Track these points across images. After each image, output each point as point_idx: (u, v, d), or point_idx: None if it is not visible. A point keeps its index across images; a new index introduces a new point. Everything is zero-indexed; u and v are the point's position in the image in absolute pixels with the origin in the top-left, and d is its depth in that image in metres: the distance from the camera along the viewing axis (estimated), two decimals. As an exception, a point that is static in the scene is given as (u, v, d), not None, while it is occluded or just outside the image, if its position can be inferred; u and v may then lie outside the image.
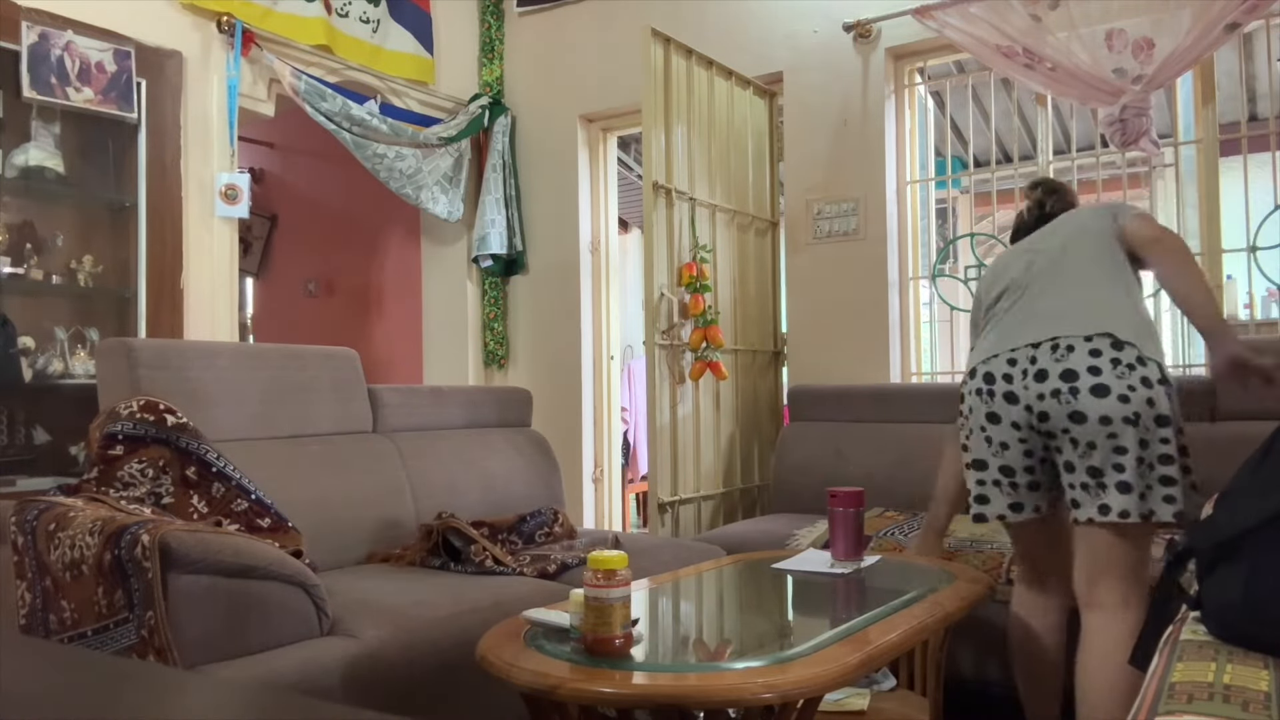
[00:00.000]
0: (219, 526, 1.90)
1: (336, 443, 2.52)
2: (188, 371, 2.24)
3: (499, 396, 3.15)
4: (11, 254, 2.95)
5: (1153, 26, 2.94)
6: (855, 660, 1.41)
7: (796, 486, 3.28)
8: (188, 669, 1.55)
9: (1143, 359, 1.76)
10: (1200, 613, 1.38)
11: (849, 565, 2.08)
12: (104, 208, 3.23)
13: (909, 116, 3.67)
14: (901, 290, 3.62)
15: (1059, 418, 1.79)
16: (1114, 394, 1.74)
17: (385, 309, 4.93)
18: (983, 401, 1.91)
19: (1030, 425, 1.85)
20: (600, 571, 1.42)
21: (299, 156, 5.32)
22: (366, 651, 1.74)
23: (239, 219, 3.43)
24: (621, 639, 1.43)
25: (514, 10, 4.44)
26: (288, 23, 3.57)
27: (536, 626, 1.58)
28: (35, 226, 3.04)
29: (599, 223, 4.34)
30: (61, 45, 2.90)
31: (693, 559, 2.54)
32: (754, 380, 3.72)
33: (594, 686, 1.32)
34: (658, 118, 3.21)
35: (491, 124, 4.30)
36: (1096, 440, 1.75)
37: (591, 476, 4.27)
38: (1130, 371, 1.75)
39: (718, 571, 2.16)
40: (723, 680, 1.33)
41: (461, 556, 2.32)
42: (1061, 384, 1.78)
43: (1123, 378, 1.75)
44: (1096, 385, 1.75)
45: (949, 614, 1.74)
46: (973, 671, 2.35)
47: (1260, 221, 3.04)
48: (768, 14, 3.78)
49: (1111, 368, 1.75)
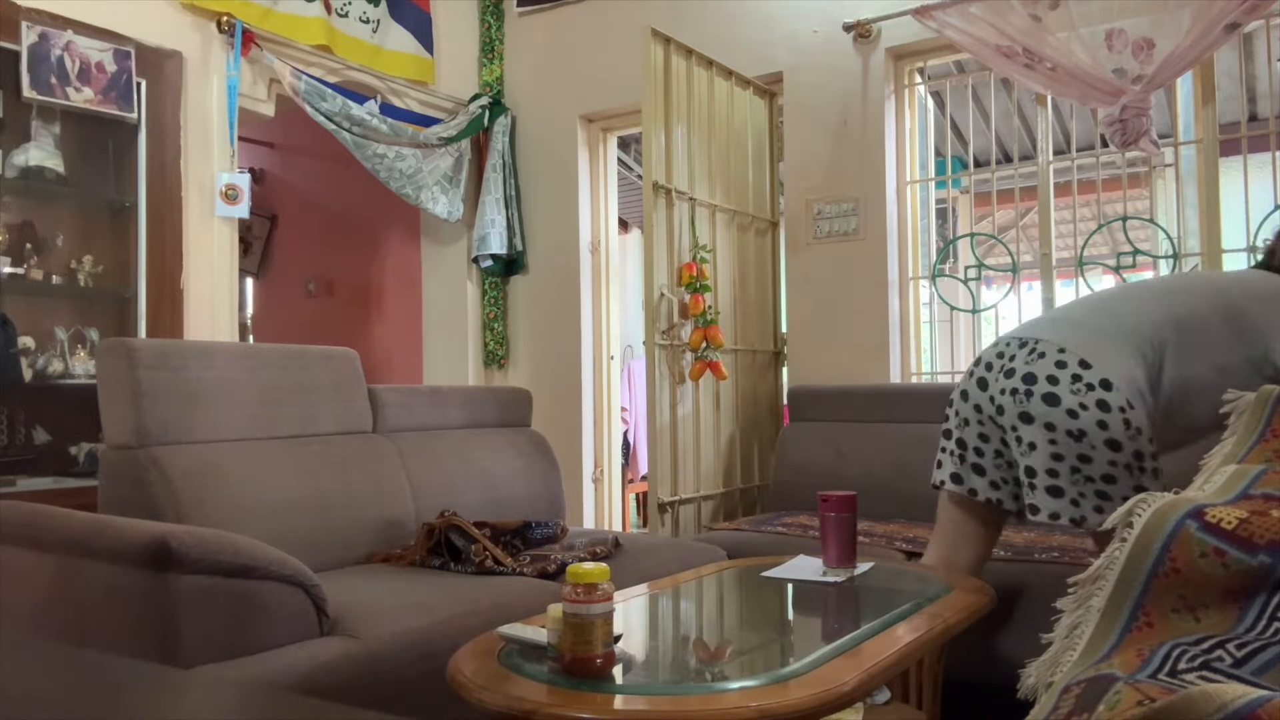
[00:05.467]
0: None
1: (336, 443, 2.52)
2: (188, 371, 2.24)
3: (499, 396, 3.15)
4: (11, 254, 2.95)
5: (1153, 26, 2.94)
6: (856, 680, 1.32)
7: (796, 486, 3.28)
8: (187, 669, 1.55)
9: (1108, 384, 1.79)
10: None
11: (842, 573, 1.99)
12: (104, 208, 3.23)
13: (909, 116, 3.68)
14: (901, 290, 3.62)
15: (1010, 414, 1.88)
16: (1063, 406, 1.80)
17: (385, 309, 4.93)
18: (966, 379, 2.03)
19: (990, 415, 1.94)
20: (580, 585, 1.31)
21: (299, 156, 5.32)
22: (366, 651, 1.73)
23: (239, 219, 3.43)
24: (603, 658, 1.32)
25: (514, 10, 4.44)
26: (288, 23, 3.57)
27: (512, 644, 1.47)
28: (35, 226, 3.04)
29: (599, 223, 4.34)
30: (61, 45, 2.90)
31: (693, 560, 2.54)
32: (754, 380, 3.72)
33: (572, 711, 1.22)
34: (658, 118, 3.21)
35: (491, 124, 4.30)
36: (1037, 442, 1.83)
37: (591, 476, 4.27)
38: (1089, 391, 1.79)
39: (704, 581, 2.07)
40: (715, 704, 1.23)
41: (462, 556, 2.32)
42: (1021, 385, 1.86)
43: (1078, 394, 1.79)
44: (1049, 394, 1.82)
45: (949, 626, 1.67)
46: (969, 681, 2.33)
47: (1260, 221, 3.04)
48: (768, 14, 3.78)
49: (1070, 382, 1.81)
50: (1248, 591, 1.25)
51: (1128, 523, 1.37)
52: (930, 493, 2.30)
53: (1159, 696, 1.05)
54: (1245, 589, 1.25)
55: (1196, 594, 1.28)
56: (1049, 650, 1.44)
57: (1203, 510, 1.32)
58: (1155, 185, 4.76)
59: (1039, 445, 1.82)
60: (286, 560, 1.73)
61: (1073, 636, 1.38)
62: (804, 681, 1.31)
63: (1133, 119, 2.95)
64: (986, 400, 1.94)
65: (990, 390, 1.93)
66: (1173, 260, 3.32)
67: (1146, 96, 2.96)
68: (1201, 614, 1.27)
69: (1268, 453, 1.51)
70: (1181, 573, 1.28)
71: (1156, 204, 4.54)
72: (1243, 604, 1.25)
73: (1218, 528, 1.28)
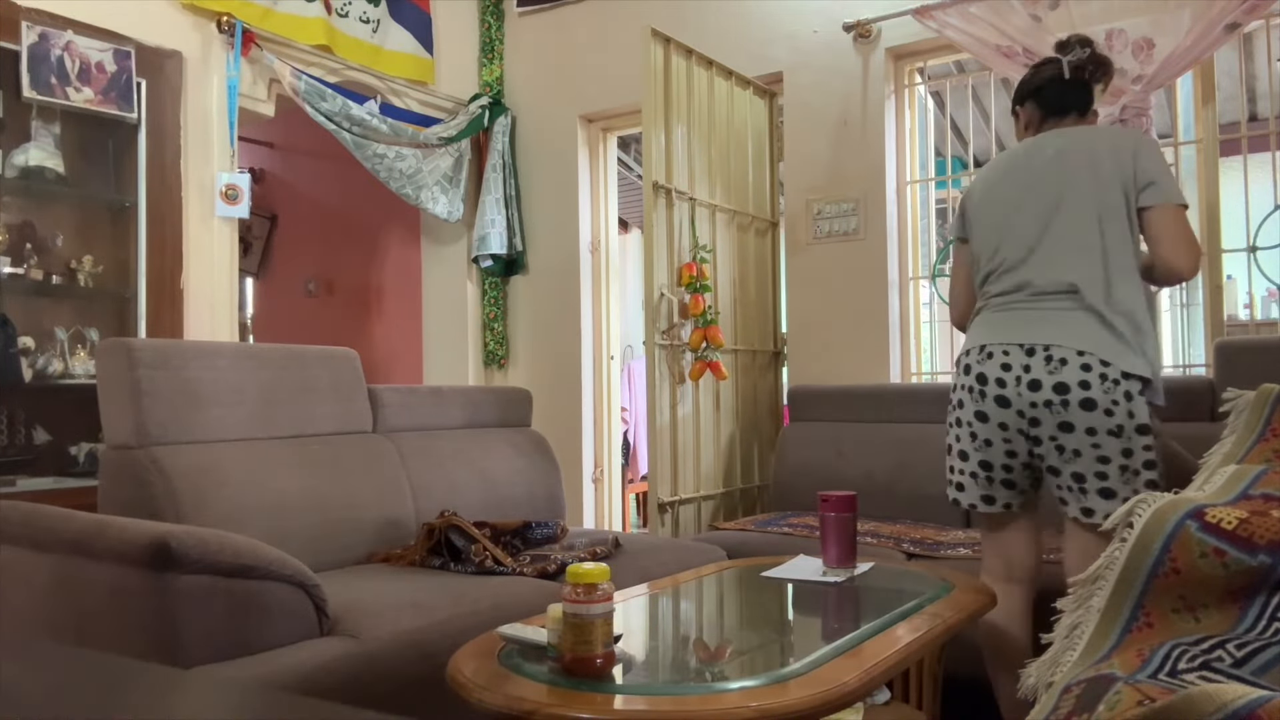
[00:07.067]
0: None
1: (336, 443, 2.52)
2: (188, 371, 2.24)
3: (499, 396, 3.15)
4: (11, 254, 2.95)
5: (1153, 26, 2.94)
6: (856, 680, 1.32)
7: (796, 487, 3.28)
8: (187, 669, 1.55)
9: (1127, 374, 1.85)
10: None
11: (842, 573, 2.00)
12: (104, 208, 3.23)
13: (909, 116, 3.67)
14: (901, 290, 3.62)
15: (1049, 425, 1.89)
16: (1100, 408, 1.85)
17: (385, 309, 4.93)
18: (973, 400, 1.99)
19: (1019, 430, 1.93)
20: (580, 585, 1.31)
21: (299, 156, 5.33)
22: (366, 651, 1.73)
23: (239, 219, 3.43)
24: (603, 658, 1.32)
25: (514, 10, 4.44)
26: (288, 23, 3.57)
27: (512, 644, 1.46)
28: (35, 226, 3.04)
29: (599, 223, 4.34)
30: (61, 45, 2.90)
31: (693, 560, 2.54)
32: (754, 380, 3.72)
33: (572, 711, 1.22)
34: (658, 118, 3.21)
35: (491, 124, 4.30)
36: (1081, 449, 1.87)
37: (591, 476, 4.27)
38: (1115, 387, 1.85)
39: (704, 581, 2.07)
40: (715, 704, 1.22)
41: (462, 556, 2.32)
42: (1054, 396, 1.88)
43: (1109, 393, 1.85)
44: (1085, 400, 1.85)
45: (950, 627, 1.67)
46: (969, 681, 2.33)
47: (1260, 221, 3.04)
48: (768, 14, 3.78)
49: (1100, 383, 1.85)
50: (1248, 591, 1.25)
51: (1128, 523, 1.37)
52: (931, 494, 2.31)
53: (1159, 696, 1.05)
54: (1245, 589, 1.25)
55: (1196, 594, 1.28)
56: (1049, 650, 1.44)
57: (1203, 510, 1.32)
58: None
59: (1084, 451, 1.87)
60: (286, 560, 1.73)
61: (1073, 636, 1.38)
62: (804, 681, 1.30)
63: (1133, 119, 2.95)
64: (1014, 416, 1.93)
65: (1016, 405, 1.92)
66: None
67: (1146, 96, 2.96)
68: (1201, 614, 1.27)
69: (1267, 452, 1.51)
70: (1181, 573, 1.28)
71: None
72: (1243, 604, 1.25)
73: (1218, 528, 1.28)
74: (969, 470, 2.03)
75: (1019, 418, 1.92)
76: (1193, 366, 4.74)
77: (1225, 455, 1.60)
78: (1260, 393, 1.62)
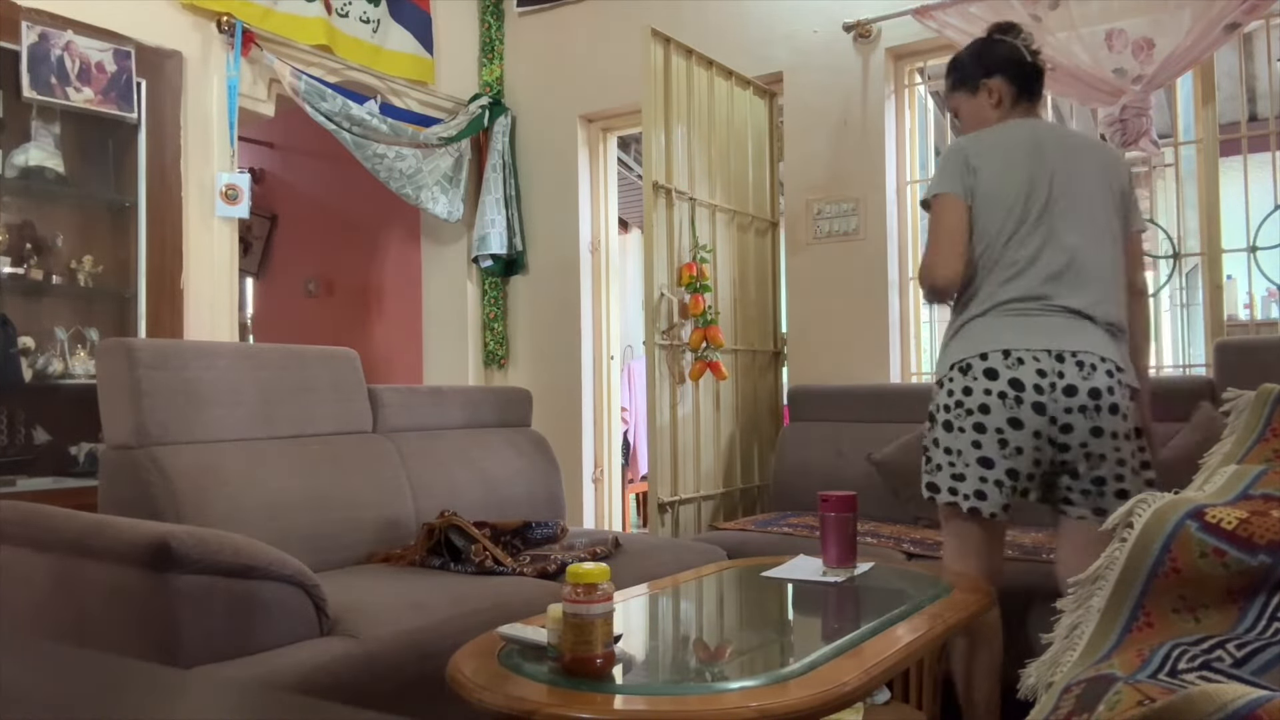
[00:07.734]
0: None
1: (336, 443, 2.52)
2: (188, 371, 2.24)
3: (499, 396, 3.15)
4: (11, 254, 2.95)
5: (1153, 26, 2.94)
6: (856, 680, 1.32)
7: (796, 487, 3.28)
8: (188, 669, 1.55)
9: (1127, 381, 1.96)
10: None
11: (841, 573, 1.99)
12: (104, 208, 3.23)
13: (909, 116, 3.67)
14: (901, 290, 3.62)
15: (1081, 431, 1.92)
16: (1120, 412, 1.92)
17: (385, 309, 4.93)
18: (1006, 406, 1.91)
19: (1050, 437, 1.94)
20: (580, 585, 1.31)
21: (299, 156, 5.32)
22: (366, 651, 1.73)
23: (239, 219, 3.43)
24: (603, 658, 1.32)
25: (514, 10, 4.44)
26: (288, 23, 3.57)
27: (512, 644, 1.46)
28: (35, 226, 3.04)
29: (599, 223, 4.34)
30: (61, 45, 2.90)
31: (693, 560, 2.54)
32: (754, 380, 3.72)
33: (572, 711, 1.22)
34: (658, 118, 3.21)
35: (491, 124, 4.30)
36: (1106, 453, 1.92)
37: (591, 476, 4.27)
38: (1122, 388, 1.94)
39: (704, 581, 2.06)
40: (715, 704, 1.22)
41: (462, 556, 2.32)
42: (1089, 400, 1.91)
43: (1124, 398, 1.94)
44: (1113, 404, 1.92)
45: (950, 627, 1.67)
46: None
47: (1260, 221, 3.04)
48: (768, 14, 3.78)
49: (1119, 388, 1.93)
50: (1248, 591, 1.25)
51: (1127, 523, 1.37)
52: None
53: (1159, 696, 1.05)
54: (1245, 589, 1.25)
55: (1196, 594, 1.28)
56: (1049, 650, 1.44)
57: (1203, 510, 1.32)
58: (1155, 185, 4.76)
59: (1108, 455, 1.92)
60: (286, 560, 1.73)
61: (1073, 636, 1.38)
62: (804, 681, 1.30)
63: (1133, 119, 2.95)
64: (1047, 423, 1.91)
65: (1051, 411, 1.91)
66: (1172, 260, 3.32)
67: (1146, 96, 2.96)
68: (1201, 614, 1.27)
69: (1267, 452, 1.51)
70: (1181, 573, 1.28)
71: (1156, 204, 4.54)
72: (1243, 604, 1.25)
73: (1218, 528, 1.28)
74: (993, 478, 1.94)
75: (1051, 424, 1.91)
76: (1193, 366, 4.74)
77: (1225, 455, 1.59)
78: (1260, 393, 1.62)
